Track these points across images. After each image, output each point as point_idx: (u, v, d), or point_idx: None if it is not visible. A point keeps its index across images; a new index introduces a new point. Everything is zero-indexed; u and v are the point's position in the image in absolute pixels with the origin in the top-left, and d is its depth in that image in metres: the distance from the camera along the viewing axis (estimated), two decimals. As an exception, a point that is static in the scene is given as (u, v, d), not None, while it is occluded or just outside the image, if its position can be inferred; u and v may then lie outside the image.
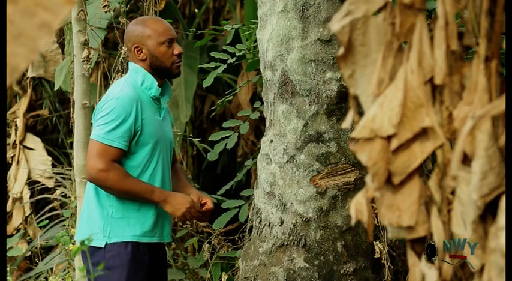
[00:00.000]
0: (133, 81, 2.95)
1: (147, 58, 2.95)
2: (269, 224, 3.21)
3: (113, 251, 2.87)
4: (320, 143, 3.16)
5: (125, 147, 2.85)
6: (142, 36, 2.95)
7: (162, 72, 2.98)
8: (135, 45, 2.96)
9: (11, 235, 5.35)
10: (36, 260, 5.18)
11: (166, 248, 4.65)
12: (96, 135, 2.84)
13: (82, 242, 2.67)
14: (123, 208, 2.89)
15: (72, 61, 4.29)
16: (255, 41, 3.73)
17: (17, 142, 5.71)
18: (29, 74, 5.60)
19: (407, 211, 1.64)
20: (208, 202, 3.01)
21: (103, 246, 2.87)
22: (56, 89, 5.24)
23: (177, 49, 2.97)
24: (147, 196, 2.87)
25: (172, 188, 3.05)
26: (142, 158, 2.91)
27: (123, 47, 4.15)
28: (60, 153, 6.01)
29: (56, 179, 5.51)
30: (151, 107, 2.95)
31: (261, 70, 3.36)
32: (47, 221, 5.12)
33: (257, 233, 3.27)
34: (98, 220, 2.91)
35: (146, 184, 2.89)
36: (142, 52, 2.95)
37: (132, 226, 2.89)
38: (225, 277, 3.98)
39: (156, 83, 2.96)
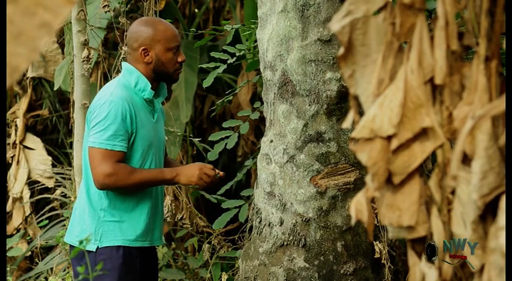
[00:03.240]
0: (126, 83, 2.92)
1: (152, 61, 2.92)
2: (269, 224, 3.21)
3: (104, 255, 2.85)
4: (320, 143, 3.16)
5: (126, 149, 2.84)
6: (152, 39, 2.91)
7: (163, 77, 2.96)
8: (143, 47, 2.90)
9: (11, 235, 5.35)
10: (36, 260, 5.18)
11: (166, 248, 4.67)
12: (98, 143, 2.80)
13: (81, 243, 2.67)
14: (115, 211, 2.87)
15: (72, 61, 4.29)
16: (255, 41, 3.73)
17: (17, 142, 5.71)
18: (29, 74, 5.60)
19: (407, 211, 1.64)
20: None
21: (94, 250, 2.86)
22: (55, 89, 5.24)
23: (181, 57, 2.95)
24: (159, 178, 2.87)
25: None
26: (136, 161, 2.87)
27: (123, 47, 4.15)
28: (60, 153, 6.01)
29: (56, 179, 5.51)
30: (144, 109, 2.92)
31: (261, 70, 3.36)
32: (47, 221, 5.12)
33: (257, 233, 3.27)
34: (89, 223, 2.88)
35: (153, 169, 2.89)
36: (149, 55, 2.91)
37: (124, 230, 2.87)
38: (225, 277, 3.98)
39: (150, 86, 2.92)
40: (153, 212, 2.94)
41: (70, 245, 2.99)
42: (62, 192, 5.32)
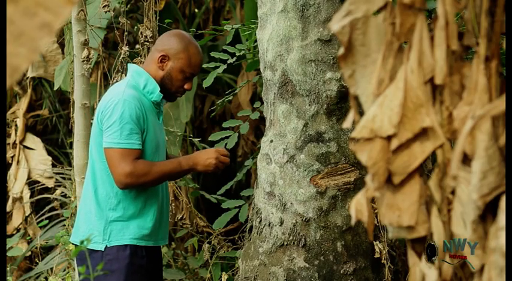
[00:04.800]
0: (136, 84, 2.94)
1: (164, 71, 2.96)
2: (269, 224, 3.22)
3: (111, 255, 2.86)
4: (320, 143, 3.16)
5: (142, 146, 2.86)
6: (176, 53, 2.95)
7: (163, 91, 2.99)
8: (163, 53, 2.95)
9: (11, 235, 5.35)
10: (36, 260, 5.18)
11: (166, 248, 4.67)
12: (116, 143, 2.81)
13: (82, 242, 2.67)
14: (124, 211, 2.89)
15: (72, 61, 4.29)
16: (255, 41, 3.73)
17: (17, 142, 5.71)
18: (29, 74, 5.60)
19: (407, 211, 1.64)
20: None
21: (103, 249, 2.86)
22: (55, 88, 5.24)
23: (188, 85, 3.00)
24: (177, 170, 2.92)
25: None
26: None
27: (123, 47, 4.15)
28: (60, 153, 6.01)
29: (56, 179, 5.51)
30: (151, 110, 2.94)
31: (261, 70, 3.36)
32: (47, 221, 5.12)
33: (257, 233, 3.27)
34: (96, 223, 2.89)
35: (170, 161, 2.93)
36: (164, 63, 2.95)
37: (131, 229, 2.89)
38: (225, 277, 3.98)
39: (159, 88, 2.95)
40: (159, 213, 2.96)
41: (76, 245, 2.99)
42: (62, 192, 5.32)
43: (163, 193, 3.01)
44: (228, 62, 4.20)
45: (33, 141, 5.76)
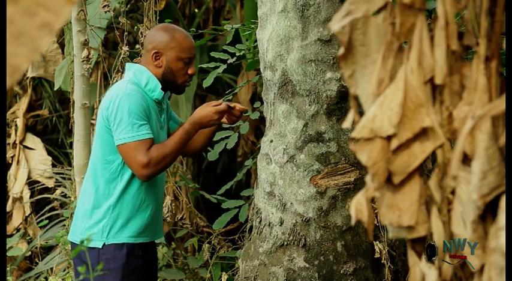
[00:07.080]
0: (137, 82, 2.95)
1: (162, 67, 2.96)
2: (269, 224, 3.22)
3: (108, 254, 2.87)
4: (320, 143, 3.16)
5: (152, 134, 2.87)
6: (166, 45, 2.95)
7: (170, 86, 2.99)
8: (155, 51, 2.95)
9: (11, 235, 5.35)
10: (36, 260, 5.18)
11: (166, 248, 4.67)
12: (129, 137, 2.81)
13: (82, 242, 2.68)
14: (122, 209, 2.90)
15: (72, 61, 4.29)
16: (255, 41, 3.73)
17: (17, 142, 5.71)
18: (29, 74, 5.61)
19: (407, 211, 1.64)
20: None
21: (100, 247, 2.87)
22: (55, 89, 5.25)
23: (191, 69, 2.99)
24: (186, 138, 2.92)
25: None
26: None
27: (123, 47, 4.15)
28: (60, 153, 6.01)
29: (56, 179, 5.51)
30: (154, 108, 2.95)
31: (261, 70, 3.36)
32: (47, 221, 5.12)
33: (257, 233, 3.27)
34: (94, 220, 2.90)
35: (177, 133, 2.92)
36: (159, 59, 2.95)
37: (129, 227, 2.90)
38: (225, 277, 3.98)
39: (160, 86, 2.95)
40: (156, 208, 2.98)
41: (72, 243, 3.00)
42: (62, 192, 5.32)
43: (160, 188, 3.04)
44: (228, 62, 4.20)
45: (33, 141, 5.76)
